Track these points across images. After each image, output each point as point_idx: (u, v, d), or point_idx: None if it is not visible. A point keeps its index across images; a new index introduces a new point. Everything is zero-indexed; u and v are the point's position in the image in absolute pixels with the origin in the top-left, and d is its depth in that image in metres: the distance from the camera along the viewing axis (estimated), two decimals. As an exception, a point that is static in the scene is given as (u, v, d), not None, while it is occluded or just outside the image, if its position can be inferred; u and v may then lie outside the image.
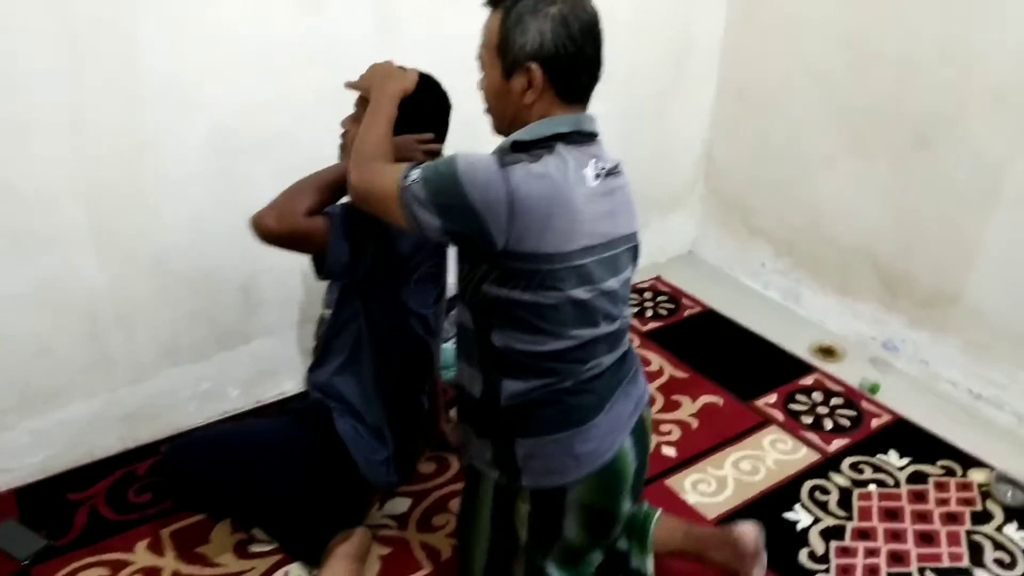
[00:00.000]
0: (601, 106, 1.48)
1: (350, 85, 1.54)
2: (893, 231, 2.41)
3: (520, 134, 1.28)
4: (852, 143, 2.46)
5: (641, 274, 2.95)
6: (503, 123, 1.34)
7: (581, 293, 1.28)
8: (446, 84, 1.63)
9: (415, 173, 1.24)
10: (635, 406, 1.44)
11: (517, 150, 1.26)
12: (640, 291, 2.87)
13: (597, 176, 1.30)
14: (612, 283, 1.33)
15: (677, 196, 3.04)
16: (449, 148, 1.51)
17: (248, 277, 2.11)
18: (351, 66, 1.56)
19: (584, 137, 1.32)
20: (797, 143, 2.64)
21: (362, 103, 1.55)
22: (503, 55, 1.27)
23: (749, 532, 1.64)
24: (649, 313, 2.75)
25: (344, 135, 1.63)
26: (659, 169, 2.90)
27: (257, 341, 2.20)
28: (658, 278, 2.97)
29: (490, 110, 1.36)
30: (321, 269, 1.51)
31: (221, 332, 2.13)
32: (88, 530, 1.83)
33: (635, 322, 2.68)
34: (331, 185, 1.50)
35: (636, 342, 2.56)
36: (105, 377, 2.00)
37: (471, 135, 1.56)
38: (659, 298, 2.85)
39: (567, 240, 1.24)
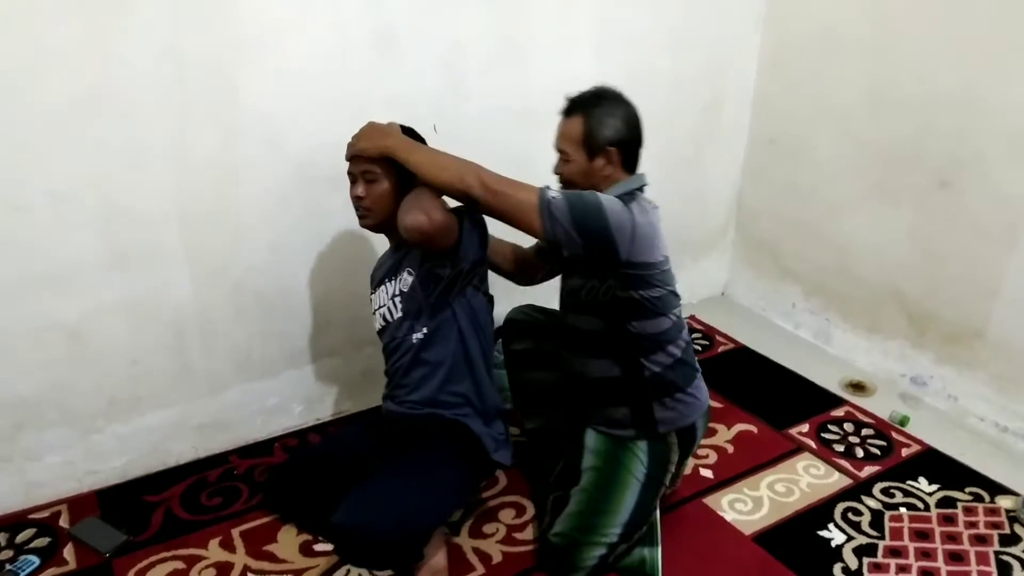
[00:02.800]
0: (643, 153, 1.84)
1: (359, 151, 1.77)
2: (918, 269, 2.54)
3: (616, 191, 1.77)
4: (876, 186, 2.62)
5: (676, 313, 3.09)
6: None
7: (671, 286, 1.82)
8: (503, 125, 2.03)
9: (553, 193, 1.66)
10: None
11: (622, 197, 1.73)
12: (676, 328, 3.01)
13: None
14: None
15: (710, 239, 3.20)
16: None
17: (317, 299, 2.29)
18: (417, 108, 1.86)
19: (643, 190, 1.85)
20: (824, 187, 2.80)
21: (359, 164, 1.78)
22: (588, 145, 1.77)
23: None
24: (685, 348, 2.88)
25: (362, 201, 1.81)
26: (693, 213, 3.08)
27: (322, 361, 2.37)
28: (692, 317, 3.11)
29: (572, 184, 1.82)
30: (448, 261, 1.75)
31: (290, 351, 2.30)
32: (164, 528, 1.97)
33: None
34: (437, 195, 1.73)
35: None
36: (185, 388, 2.17)
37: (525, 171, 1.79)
38: (694, 334, 2.98)
39: (660, 252, 1.77)
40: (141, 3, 1.79)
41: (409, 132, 1.85)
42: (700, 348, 2.89)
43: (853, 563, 1.90)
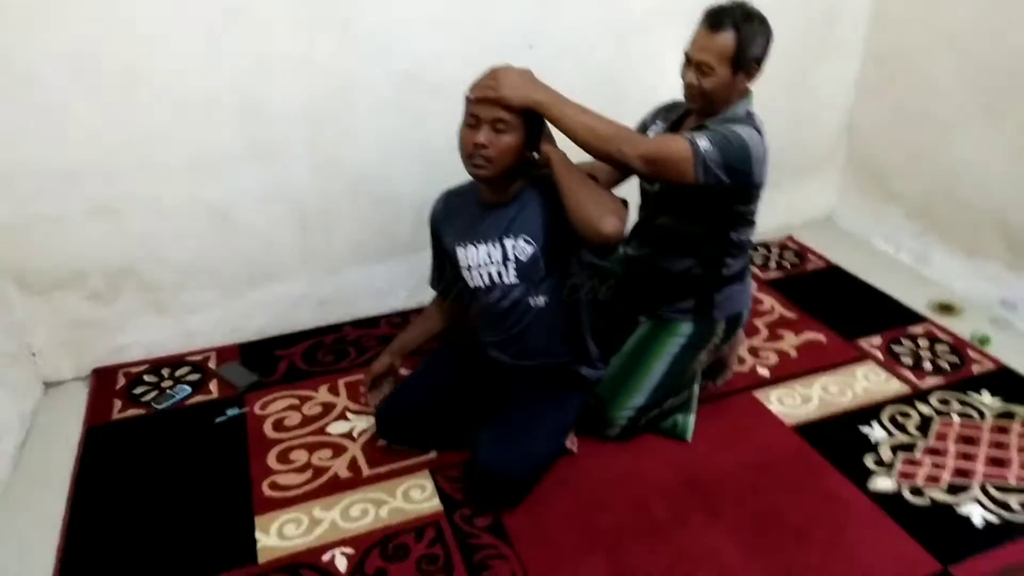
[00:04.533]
0: None
1: (501, 98, 1.68)
2: (1021, 192, 2.45)
3: (741, 108, 1.87)
4: (985, 107, 2.53)
5: (772, 233, 3.15)
6: (717, 104, 1.87)
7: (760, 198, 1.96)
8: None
9: (703, 143, 1.74)
10: None
11: (748, 117, 1.87)
12: (767, 246, 3.08)
13: None
14: None
15: (816, 161, 3.18)
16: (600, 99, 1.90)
17: (418, 198, 2.56)
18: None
19: None
20: (934, 108, 2.73)
21: (491, 110, 1.69)
22: (736, 61, 1.80)
23: None
24: (773, 264, 2.95)
25: (483, 150, 1.70)
26: (800, 134, 3.07)
27: (421, 254, 2.66)
28: (789, 237, 3.15)
29: (707, 97, 1.85)
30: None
31: (395, 242, 2.63)
32: (287, 374, 2.40)
33: (756, 271, 2.90)
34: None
35: (754, 286, 2.78)
36: (308, 266, 2.57)
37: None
38: (785, 252, 3.03)
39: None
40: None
41: None
42: (789, 265, 2.95)
43: (888, 457, 1.98)
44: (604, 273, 2.22)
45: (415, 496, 1.92)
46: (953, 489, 1.88)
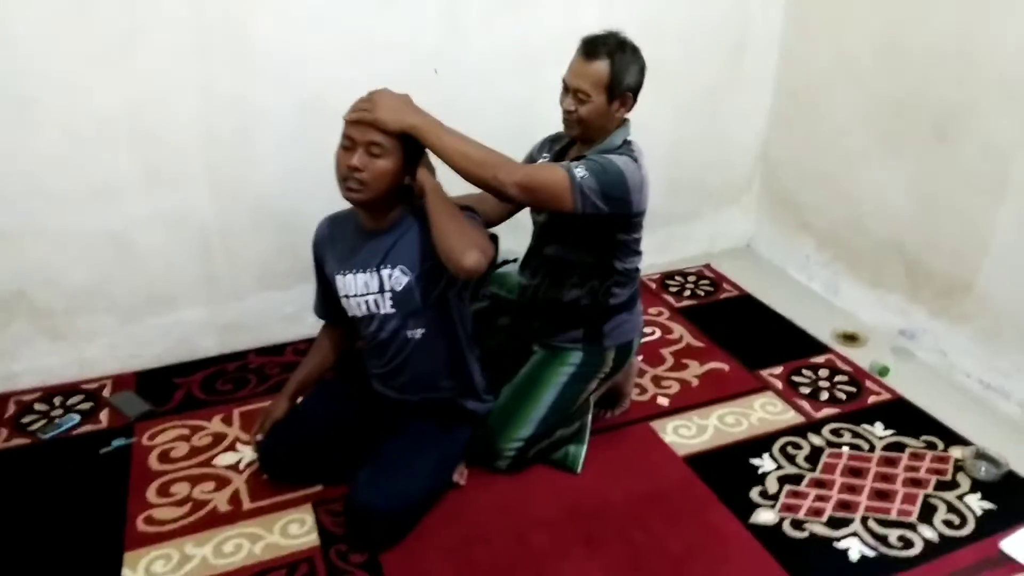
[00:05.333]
0: (651, 97, 1.97)
1: (375, 121, 1.66)
2: (917, 222, 2.50)
3: (618, 137, 1.91)
4: (883, 138, 2.58)
5: (691, 261, 3.17)
6: (593, 132, 1.91)
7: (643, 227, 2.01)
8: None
9: (580, 172, 1.76)
10: None
11: (624, 146, 1.90)
12: (685, 275, 3.09)
13: None
14: None
15: (734, 191, 3.23)
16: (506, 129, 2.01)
17: (326, 223, 2.58)
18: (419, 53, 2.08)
19: None
20: (840, 139, 2.78)
21: (366, 132, 1.67)
22: (610, 89, 1.84)
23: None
24: (687, 293, 2.97)
25: (358, 173, 1.68)
26: (715, 163, 3.12)
27: (332, 279, 2.67)
28: (707, 265, 3.17)
29: (584, 124, 1.88)
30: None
31: (302, 267, 2.56)
32: (182, 404, 2.35)
33: (669, 299, 2.91)
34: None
35: (665, 315, 2.80)
36: (211, 291, 2.52)
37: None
38: (701, 282, 3.05)
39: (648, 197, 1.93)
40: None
41: None
42: (703, 294, 2.96)
43: (773, 488, 1.98)
44: (502, 302, 2.22)
45: (293, 531, 1.87)
46: (834, 522, 1.88)
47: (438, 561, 1.78)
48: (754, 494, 1.96)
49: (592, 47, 1.84)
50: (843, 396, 2.34)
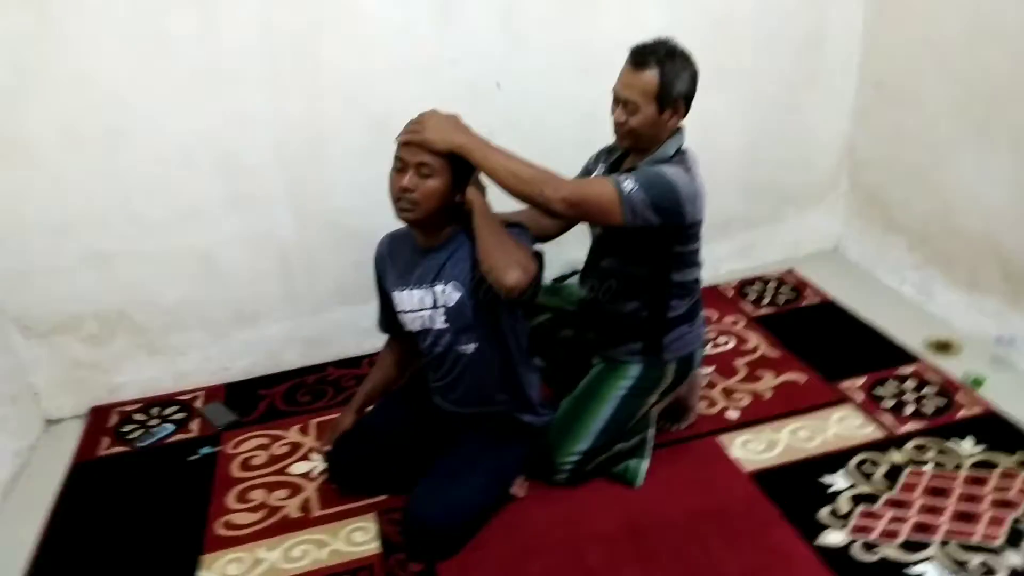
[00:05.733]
0: (722, 98, 1.96)
1: (423, 141, 1.73)
2: (1016, 219, 2.31)
3: (671, 146, 1.88)
4: (978, 128, 2.40)
5: (775, 267, 3.06)
6: (645, 142, 1.88)
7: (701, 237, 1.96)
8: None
9: (627, 184, 1.75)
10: None
11: (677, 156, 1.87)
12: (765, 281, 2.98)
13: None
14: None
15: (817, 191, 3.08)
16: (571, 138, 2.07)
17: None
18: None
19: None
20: (929, 133, 2.61)
21: (417, 153, 1.74)
22: (661, 99, 1.81)
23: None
24: (766, 300, 2.86)
25: (409, 193, 1.75)
26: (795, 163, 2.99)
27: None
28: (789, 271, 3.04)
29: (635, 135, 1.86)
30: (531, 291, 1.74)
31: (377, 282, 2.70)
32: (265, 414, 2.48)
33: (747, 307, 2.82)
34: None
35: (741, 324, 2.71)
36: (293, 307, 2.66)
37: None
38: (781, 288, 2.93)
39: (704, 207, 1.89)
40: (239, -6, 2.25)
41: None
42: (783, 301, 2.85)
43: (845, 508, 1.89)
44: (564, 314, 2.22)
45: (357, 538, 1.94)
46: (909, 546, 1.77)
47: (493, 573, 1.81)
48: (823, 514, 1.87)
49: (641, 56, 1.82)
50: (930, 409, 2.19)
